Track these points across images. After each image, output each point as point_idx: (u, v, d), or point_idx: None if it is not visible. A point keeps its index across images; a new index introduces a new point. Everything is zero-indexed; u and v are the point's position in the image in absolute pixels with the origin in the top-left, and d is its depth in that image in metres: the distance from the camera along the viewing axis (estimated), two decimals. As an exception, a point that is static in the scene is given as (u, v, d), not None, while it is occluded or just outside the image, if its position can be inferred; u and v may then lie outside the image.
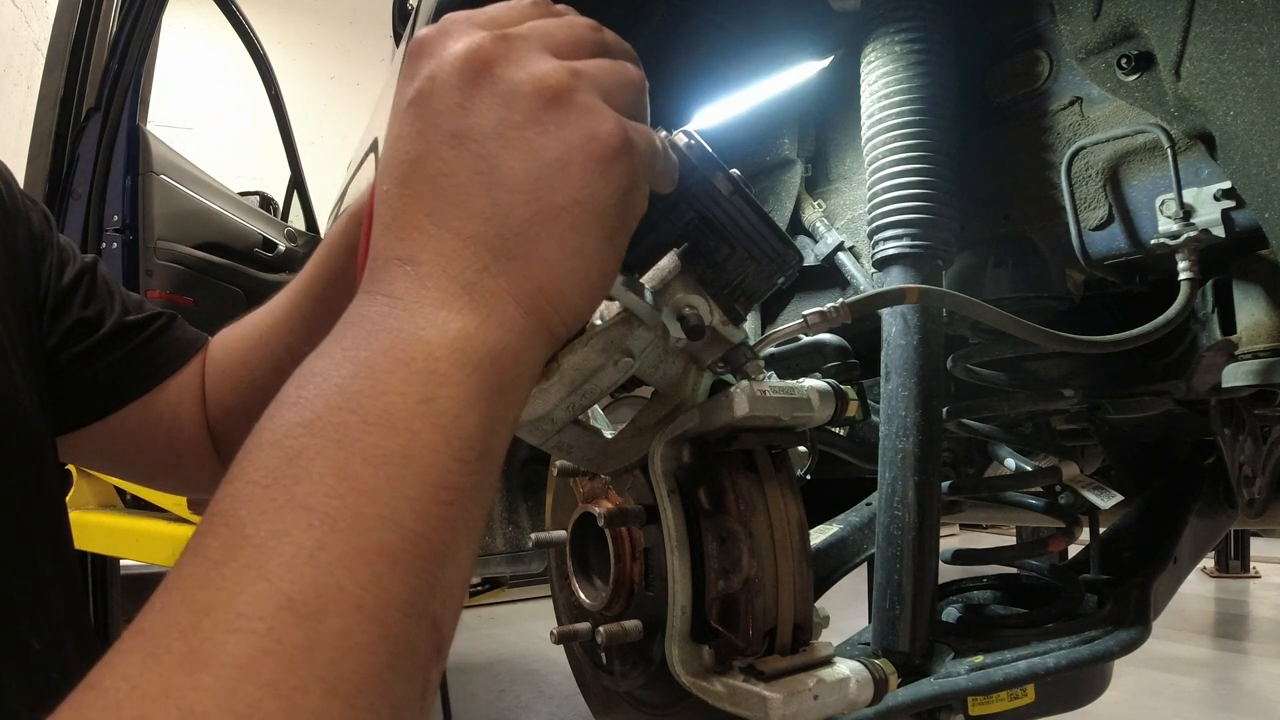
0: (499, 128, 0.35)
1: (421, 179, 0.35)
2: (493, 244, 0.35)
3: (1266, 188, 0.72)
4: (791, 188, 1.29)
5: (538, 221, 0.35)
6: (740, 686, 0.54)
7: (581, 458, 0.61)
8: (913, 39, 1.00)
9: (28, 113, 2.64)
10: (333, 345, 0.33)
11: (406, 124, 0.36)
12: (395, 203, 0.36)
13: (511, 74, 0.36)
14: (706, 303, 0.53)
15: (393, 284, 0.34)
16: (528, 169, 0.35)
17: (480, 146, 0.35)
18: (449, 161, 0.35)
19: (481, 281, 0.34)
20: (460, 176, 0.35)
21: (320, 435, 0.29)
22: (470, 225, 0.34)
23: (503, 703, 3.26)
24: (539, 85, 0.36)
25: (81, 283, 0.71)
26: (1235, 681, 3.66)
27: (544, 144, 0.35)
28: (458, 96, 0.36)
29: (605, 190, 0.36)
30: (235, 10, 3.14)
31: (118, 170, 2.47)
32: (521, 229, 0.35)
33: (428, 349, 0.32)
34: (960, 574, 1.25)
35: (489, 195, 0.35)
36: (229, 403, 0.72)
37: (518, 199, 0.35)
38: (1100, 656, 0.98)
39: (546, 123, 0.35)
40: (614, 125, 0.36)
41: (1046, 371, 1.20)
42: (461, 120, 0.35)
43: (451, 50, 0.37)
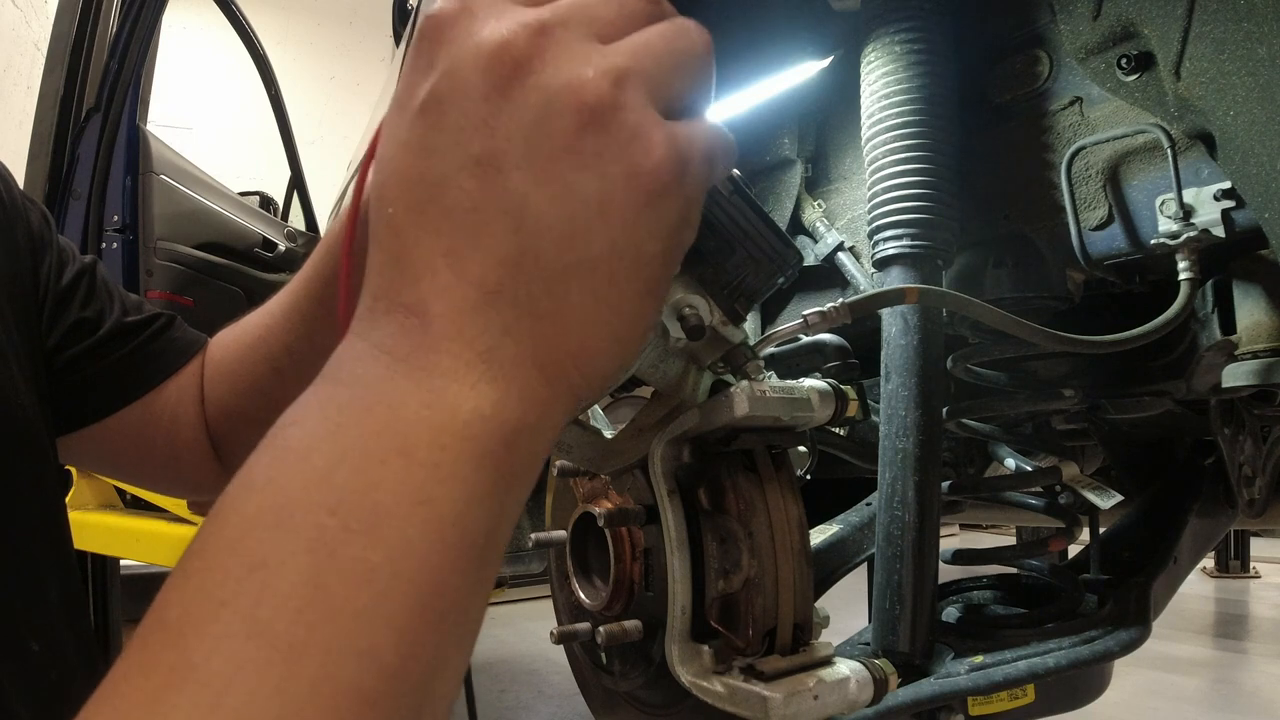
0: (530, 155, 0.29)
1: (437, 209, 0.29)
2: (518, 299, 0.29)
3: (1266, 188, 0.72)
4: (791, 188, 1.29)
5: (570, 274, 0.30)
6: (740, 686, 0.54)
7: (581, 458, 0.61)
8: (913, 39, 1.00)
9: (28, 113, 2.64)
10: (317, 412, 0.28)
11: (418, 133, 0.30)
12: (404, 233, 0.30)
13: (548, 80, 0.29)
14: (706, 303, 0.53)
15: (395, 340, 0.29)
16: (562, 210, 0.29)
17: (509, 179, 0.29)
18: (471, 193, 0.29)
19: (502, 346, 0.29)
20: (485, 213, 0.29)
21: (291, 538, 0.24)
22: (493, 275, 0.29)
23: (503, 703, 3.26)
24: (579, 101, 0.29)
25: (81, 283, 0.70)
26: (1235, 681, 3.66)
27: (581, 179, 0.29)
28: (484, 109, 0.29)
29: (651, 235, 0.31)
30: (235, 10, 3.14)
31: (118, 170, 2.47)
32: (551, 282, 0.29)
33: (433, 435, 0.27)
34: (960, 574, 1.25)
35: (516, 239, 0.29)
36: (228, 404, 0.70)
37: (548, 246, 0.29)
38: (1100, 656, 0.98)
39: (585, 152, 0.29)
40: (664, 153, 0.30)
41: (1046, 371, 1.20)
42: (488, 141, 0.29)
43: (476, 41, 0.30)
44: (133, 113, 2.51)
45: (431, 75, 0.30)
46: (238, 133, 6.35)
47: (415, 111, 0.30)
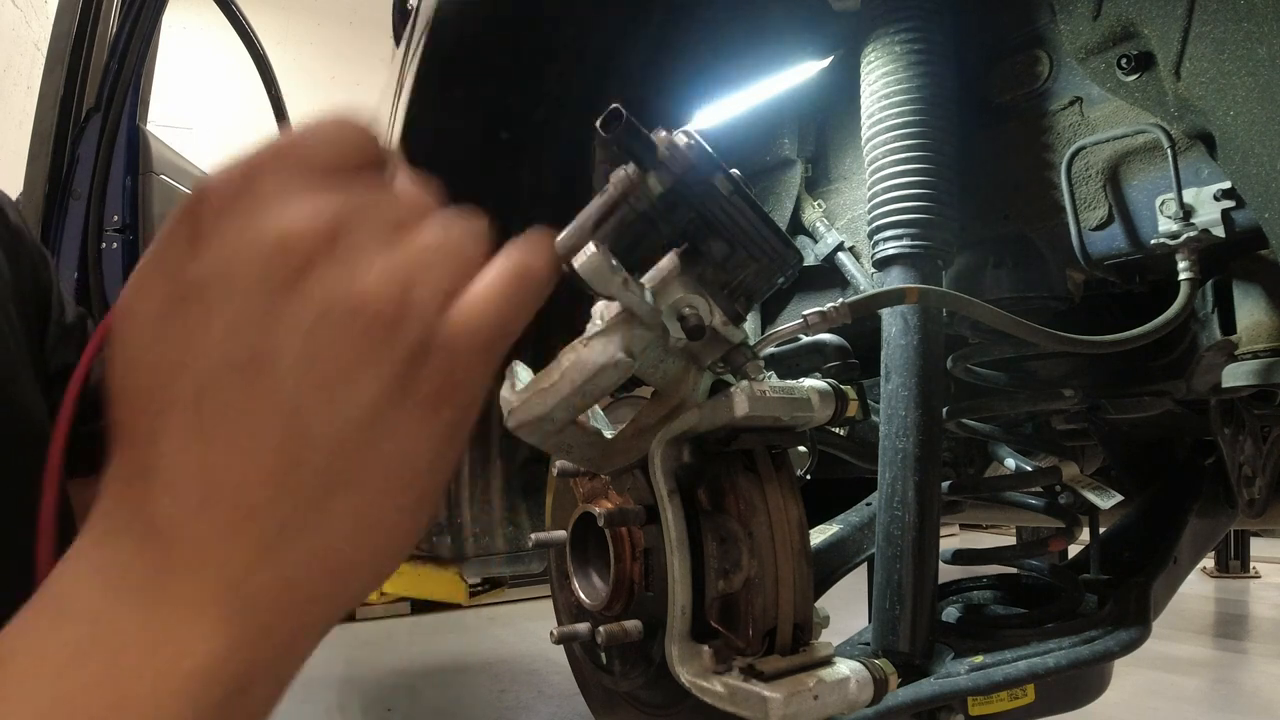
0: (306, 360, 0.27)
1: (196, 412, 0.26)
2: (277, 520, 0.27)
3: (1266, 188, 0.72)
4: (791, 188, 1.29)
5: (337, 489, 0.27)
6: (740, 686, 0.54)
7: (581, 458, 0.61)
8: (913, 39, 1.00)
9: (28, 113, 2.64)
10: (35, 649, 0.25)
11: (180, 322, 0.27)
12: (154, 436, 0.27)
13: (333, 284, 0.27)
14: (706, 303, 0.53)
15: (131, 563, 0.26)
16: (335, 420, 0.27)
17: (281, 384, 0.27)
18: (238, 397, 0.26)
19: (252, 576, 0.26)
20: (251, 421, 0.26)
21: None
22: (254, 493, 0.26)
23: (503, 703, 3.26)
24: (363, 309, 0.27)
25: (82, 330, 0.70)
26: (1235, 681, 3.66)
27: (357, 389, 0.27)
28: (261, 305, 0.27)
29: (423, 450, 0.29)
30: (235, 10, 3.14)
31: (118, 170, 2.47)
32: (316, 499, 0.27)
33: (153, 692, 0.24)
34: (960, 574, 1.25)
35: (283, 452, 0.27)
36: None
37: (317, 459, 0.27)
38: (1100, 656, 0.98)
39: (364, 361, 0.27)
40: (442, 365, 0.29)
41: (1046, 371, 1.20)
42: (262, 341, 0.26)
43: (260, 228, 0.27)
44: (133, 113, 2.51)
45: (203, 256, 0.27)
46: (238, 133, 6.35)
47: (178, 295, 0.27)
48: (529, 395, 0.54)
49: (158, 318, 0.28)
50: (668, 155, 0.52)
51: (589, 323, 0.56)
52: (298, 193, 0.28)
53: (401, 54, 1.63)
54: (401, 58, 1.60)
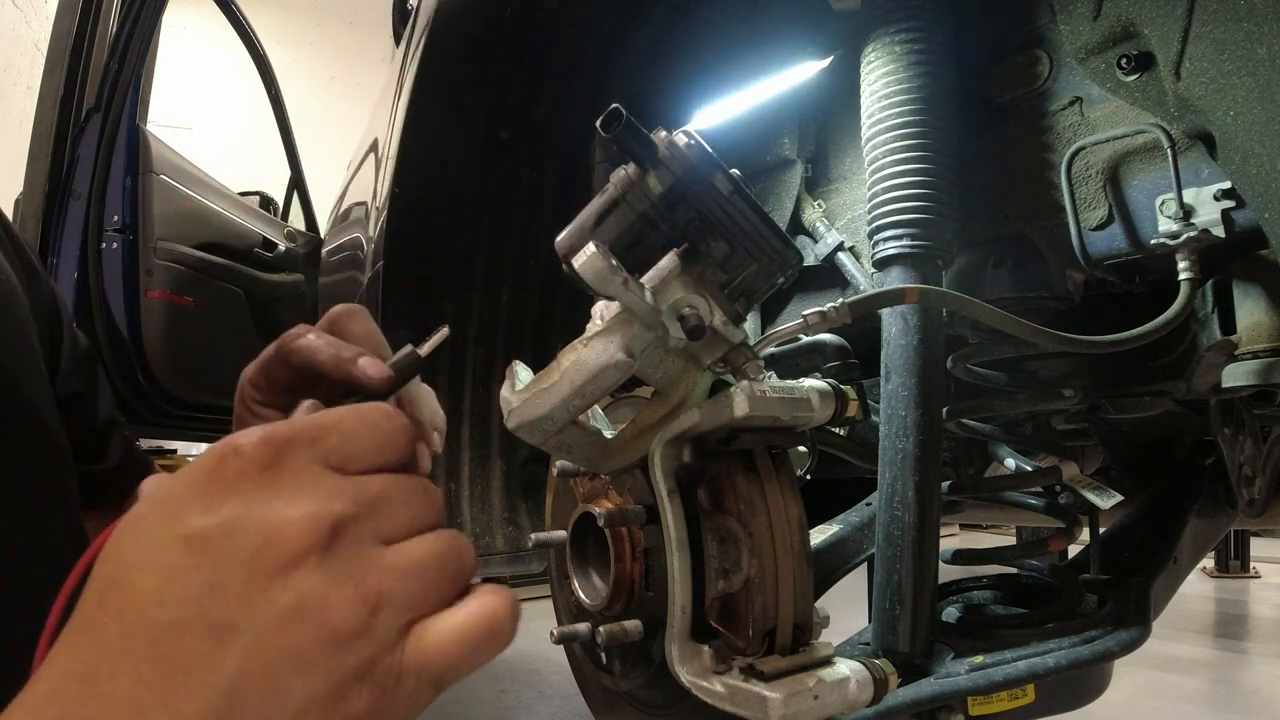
0: (259, 646, 0.29)
1: (155, 652, 0.29)
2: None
3: (1266, 188, 0.72)
4: (791, 188, 1.29)
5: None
6: (740, 686, 0.54)
7: (581, 458, 0.61)
8: (913, 39, 1.00)
9: (28, 113, 2.64)
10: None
11: (170, 563, 0.30)
12: (105, 654, 0.29)
13: (312, 585, 0.30)
14: (706, 303, 0.53)
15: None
16: (259, 712, 0.29)
17: (231, 656, 0.29)
18: (192, 652, 0.29)
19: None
20: (194, 678, 0.28)
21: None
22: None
23: (503, 703, 3.26)
24: (325, 620, 0.29)
25: (93, 363, 0.72)
26: (1235, 681, 3.66)
27: (299, 688, 0.29)
28: (245, 579, 0.29)
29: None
30: (235, 10, 3.14)
31: (118, 170, 2.47)
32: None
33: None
34: (960, 574, 1.25)
35: (214, 717, 0.28)
36: None
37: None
38: (1100, 656, 0.98)
39: (314, 665, 0.29)
40: (384, 687, 0.30)
41: (1046, 371, 1.20)
42: (235, 613, 0.29)
43: (267, 509, 0.30)
44: (133, 113, 2.51)
45: (213, 512, 0.30)
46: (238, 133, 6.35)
47: (178, 538, 0.30)
48: (529, 395, 0.54)
49: (155, 547, 0.30)
50: (668, 155, 0.52)
51: (589, 323, 0.56)
52: (314, 487, 0.31)
53: (401, 54, 1.63)
54: (401, 58, 1.60)
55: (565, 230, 0.56)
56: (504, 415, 0.56)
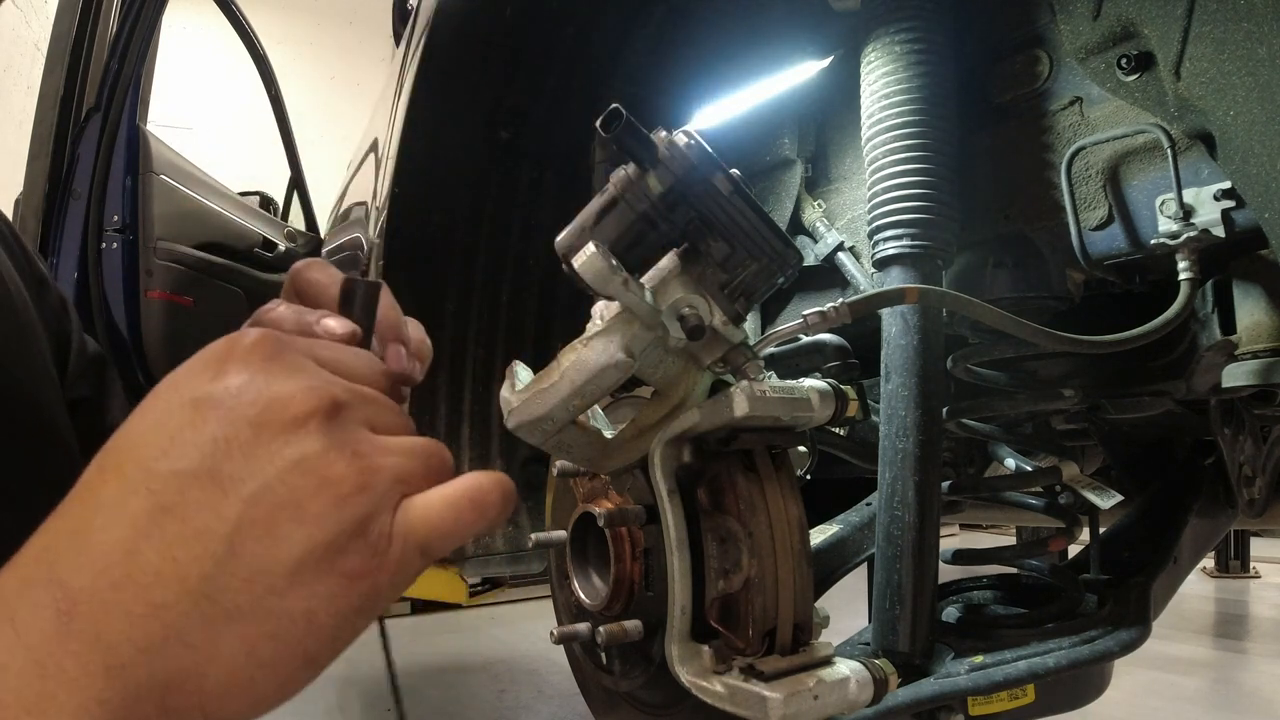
0: (260, 495, 0.30)
1: (151, 500, 0.29)
2: (174, 622, 0.28)
3: (1266, 188, 0.72)
4: (791, 188, 1.29)
5: (237, 618, 0.29)
6: (740, 686, 0.54)
7: (581, 458, 0.61)
8: (913, 39, 1.00)
9: (28, 113, 2.64)
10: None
11: (176, 420, 0.31)
12: (104, 503, 0.30)
13: (311, 446, 0.31)
14: (706, 303, 0.53)
15: (33, 616, 0.28)
16: (258, 557, 0.29)
17: (232, 506, 0.30)
18: (193, 501, 0.29)
19: (136, 665, 0.28)
20: (190, 527, 0.29)
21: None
22: (162, 591, 0.28)
23: (503, 703, 3.26)
24: (325, 474, 0.31)
25: (103, 368, 0.74)
26: (1235, 681, 3.66)
27: (291, 535, 0.30)
28: (246, 436, 0.30)
29: (327, 617, 0.31)
30: (235, 10, 3.14)
31: (118, 170, 2.47)
32: (213, 617, 0.29)
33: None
34: (960, 574, 1.25)
35: (204, 564, 0.29)
36: None
37: (231, 584, 0.29)
38: (1100, 656, 0.98)
39: (306, 516, 0.30)
40: (376, 548, 0.31)
41: (1046, 371, 1.20)
42: (231, 465, 0.30)
43: (270, 379, 0.32)
44: (133, 113, 2.51)
45: (223, 379, 0.32)
46: (238, 133, 6.35)
47: (187, 400, 0.31)
48: (529, 395, 0.54)
49: (162, 412, 0.31)
50: (668, 155, 0.52)
51: (589, 323, 0.56)
52: (315, 372, 0.33)
53: (401, 54, 1.63)
54: (401, 58, 1.60)
55: (565, 230, 0.56)
56: (504, 415, 0.56)
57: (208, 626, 0.29)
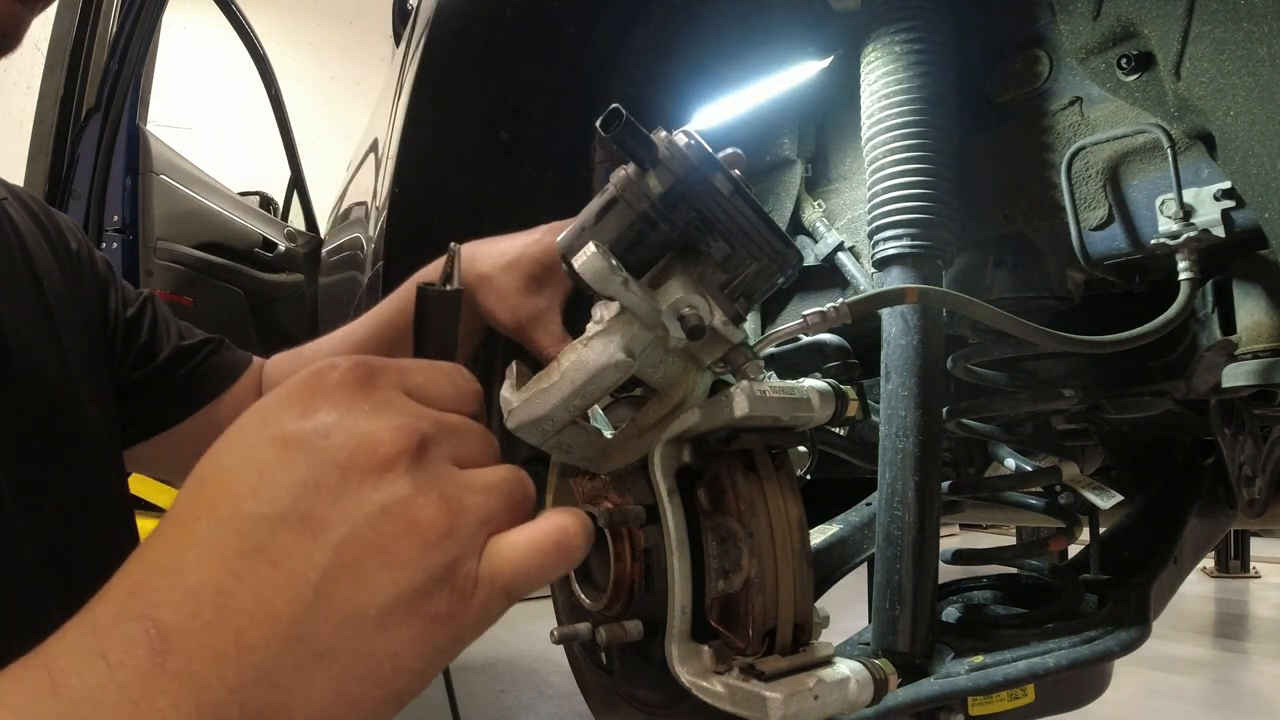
0: (350, 540, 0.30)
1: (245, 542, 0.30)
2: (265, 663, 0.29)
3: (1266, 188, 0.72)
4: (791, 188, 1.29)
5: (326, 660, 0.30)
6: (740, 686, 0.54)
7: (581, 458, 0.61)
8: (913, 39, 1.00)
9: (28, 113, 2.64)
10: (17, 706, 0.28)
11: (264, 459, 0.31)
12: (197, 542, 0.30)
13: (399, 489, 0.31)
14: (706, 303, 0.53)
15: (129, 657, 0.28)
16: (350, 599, 0.30)
17: (322, 549, 0.30)
18: (283, 544, 0.30)
19: (228, 706, 0.28)
20: (282, 570, 0.29)
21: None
22: (255, 633, 0.29)
23: (503, 703, 3.26)
24: (413, 520, 0.31)
25: (144, 314, 0.80)
26: (1235, 681, 3.66)
27: (380, 580, 0.30)
28: (336, 479, 0.31)
29: (413, 659, 0.31)
30: (235, 10, 3.14)
31: (118, 170, 2.47)
32: (304, 659, 0.29)
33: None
34: (960, 574, 1.25)
35: (295, 608, 0.29)
36: None
37: (321, 627, 0.29)
38: (1100, 656, 0.98)
39: (395, 561, 0.30)
40: (461, 592, 0.32)
41: (1046, 371, 1.20)
42: (323, 508, 0.30)
43: (358, 419, 0.32)
44: (133, 113, 2.51)
45: (310, 418, 0.32)
46: (238, 133, 6.35)
47: (275, 439, 0.31)
48: (529, 395, 0.54)
49: (250, 447, 0.32)
50: (668, 155, 0.52)
51: (589, 323, 0.56)
52: (403, 406, 0.33)
53: (401, 54, 1.63)
54: (401, 58, 1.60)
55: (565, 230, 0.56)
56: (504, 415, 0.56)
57: (297, 668, 0.29)
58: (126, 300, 0.79)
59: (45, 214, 0.74)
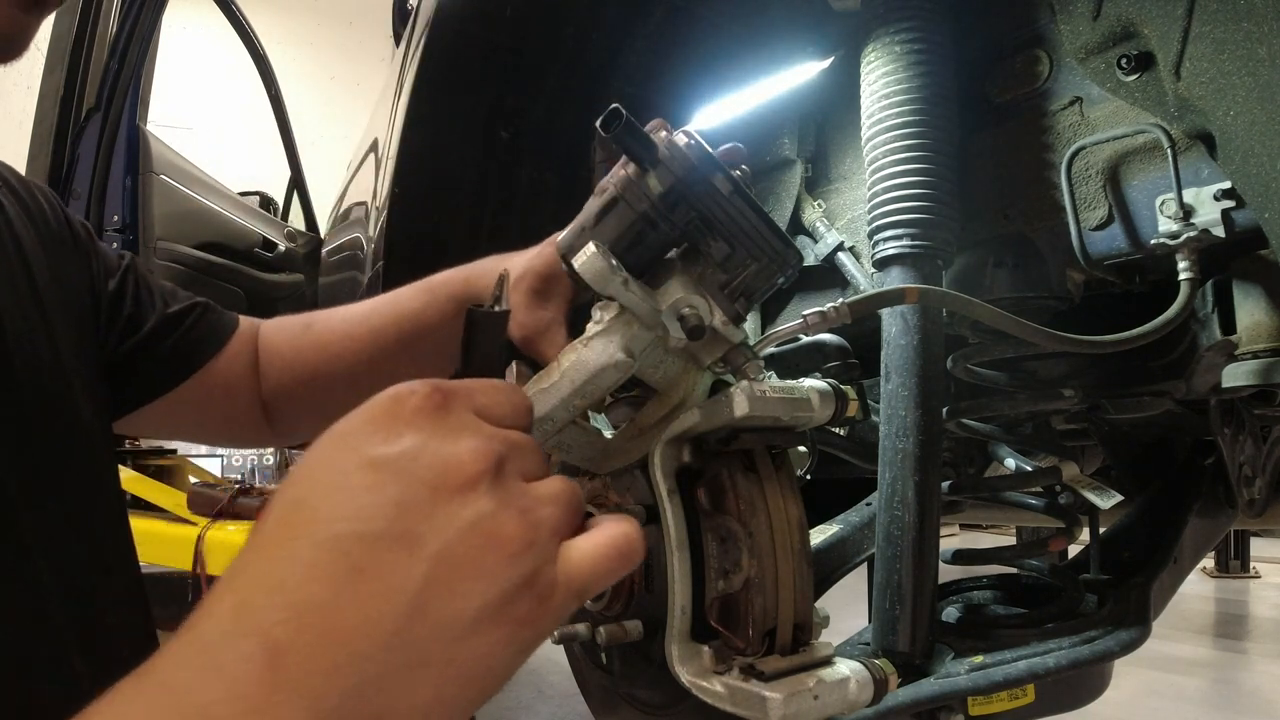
0: (442, 554, 0.33)
1: (346, 561, 0.32)
2: (372, 671, 0.31)
3: (1266, 188, 0.72)
4: (791, 188, 1.29)
5: (426, 665, 0.32)
6: (740, 686, 0.54)
7: (581, 458, 0.61)
8: (913, 39, 1.00)
9: (28, 113, 2.64)
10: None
11: (358, 483, 0.34)
12: (301, 564, 0.32)
13: (484, 505, 0.34)
14: (706, 303, 0.53)
15: (243, 673, 0.30)
16: (444, 610, 0.32)
17: (419, 564, 0.32)
18: (383, 561, 0.32)
19: (340, 712, 0.31)
20: (384, 584, 0.32)
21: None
22: (362, 643, 0.31)
23: (503, 703, 3.26)
24: (499, 534, 0.34)
25: (127, 284, 0.78)
26: (1235, 681, 3.66)
27: (471, 591, 0.33)
28: (426, 497, 0.33)
29: (500, 658, 0.34)
30: (235, 10, 3.14)
31: (118, 170, 2.47)
32: (407, 666, 0.32)
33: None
34: (960, 574, 1.25)
35: (398, 619, 0.32)
36: (283, 383, 0.82)
37: (421, 634, 0.32)
38: (1100, 656, 0.98)
39: (485, 572, 0.33)
40: (542, 596, 0.35)
41: (1046, 371, 1.20)
42: (418, 525, 0.33)
43: (442, 441, 0.35)
44: (133, 113, 2.51)
45: (395, 442, 0.34)
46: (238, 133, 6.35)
47: (364, 463, 0.34)
48: (529, 395, 0.54)
49: (341, 472, 0.34)
50: (668, 155, 0.52)
51: (589, 323, 0.57)
52: (478, 428, 0.36)
53: (401, 54, 1.63)
54: (401, 58, 1.60)
55: (565, 230, 0.56)
56: (504, 415, 0.56)
57: (401, 674, 0.32)
58: (108, 270, 0.77)
59: (24, 187, 0.72)
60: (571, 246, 0.54)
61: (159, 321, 0.78)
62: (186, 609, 0.32)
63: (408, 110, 1.36)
